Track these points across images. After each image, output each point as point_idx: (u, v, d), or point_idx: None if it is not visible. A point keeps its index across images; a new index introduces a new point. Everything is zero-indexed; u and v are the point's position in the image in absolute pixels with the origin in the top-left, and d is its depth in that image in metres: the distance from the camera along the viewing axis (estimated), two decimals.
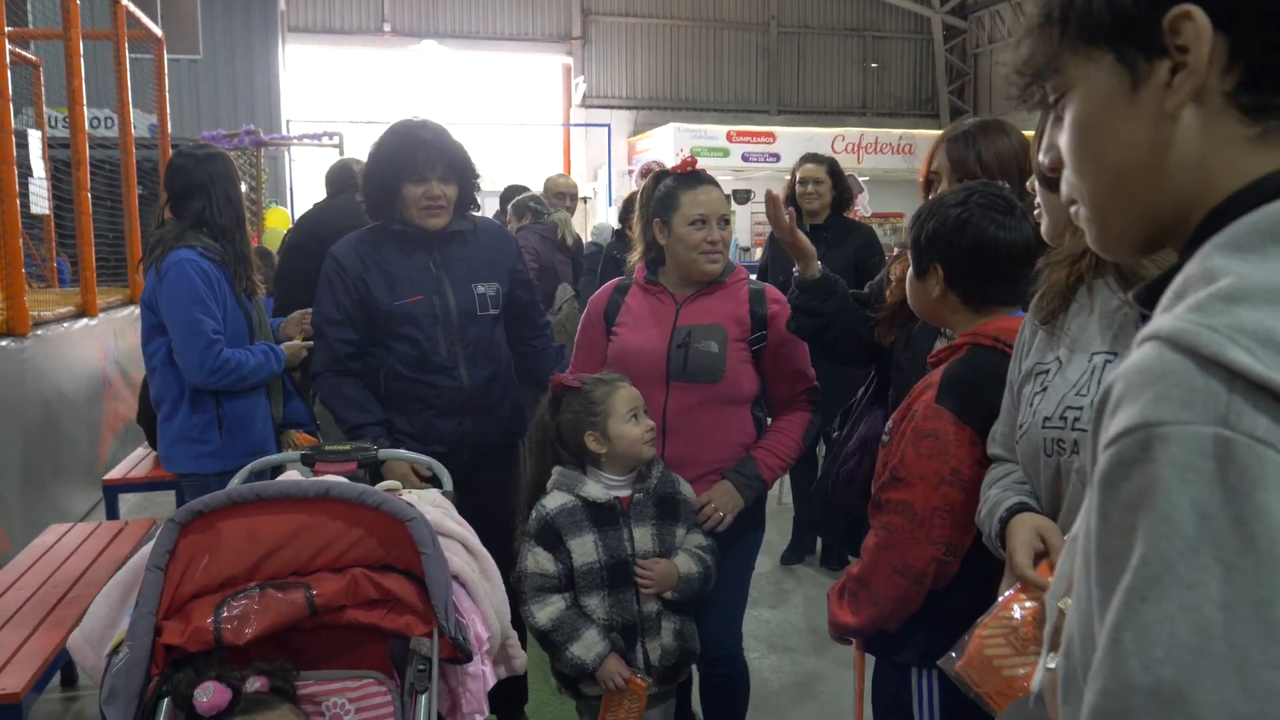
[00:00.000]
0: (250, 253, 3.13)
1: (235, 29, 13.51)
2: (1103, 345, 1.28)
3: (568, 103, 16.19)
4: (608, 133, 15.30)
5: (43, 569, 3.13)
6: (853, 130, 14.64)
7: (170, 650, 1.61)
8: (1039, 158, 1.09)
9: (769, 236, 4.84)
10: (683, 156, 3.40)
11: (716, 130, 14.08)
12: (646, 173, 6.72)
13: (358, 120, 12.61)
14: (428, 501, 1.88)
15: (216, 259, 2.94)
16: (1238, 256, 0.62)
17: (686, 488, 2.35)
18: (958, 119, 1.96)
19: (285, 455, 2.22)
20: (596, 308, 2.54)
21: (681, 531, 2.32)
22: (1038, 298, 1.39)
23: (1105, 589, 0.61)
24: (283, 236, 6.13)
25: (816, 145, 12.34)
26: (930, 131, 15.68)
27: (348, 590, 1.67)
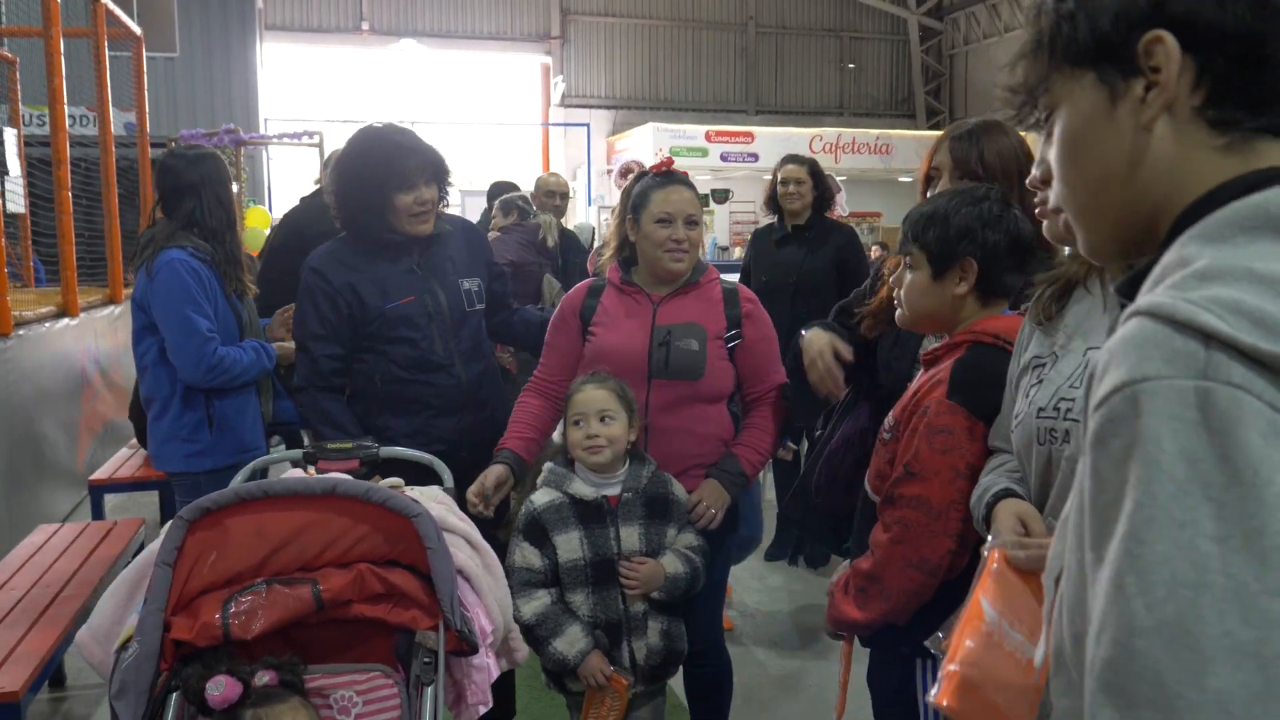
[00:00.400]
0: (241, 253, 3.14)
1: (212, 26, 13.42)
2: (1098, 340, 1.33)
3: (547, 102, 16.20)
4: (587, 132, 15.32)
5: (34, 569, 3.13)
6: (830, 130, 14.76)
7: (179, 645, 1.63)
8: (1032, 171, 1.16)
9: (752, 235, 4.88)
10: (662, 156, 3.45)
11: (695, 130, 14.16)
12: (626, 172, 6.75)
13: (335, 119, 12.56)
14: (430, 498, 1.91)
15: (207, 259, 2.95)
16: (1210, 245, 0.69)
17: (679, 488, 2.39)
18: (960, 120, 2.02)
19: (288, 453, 2.24)
20: (571, 308, 2.55)
21: (672, 532, 2.35)
22: (1035, 299, 1.45)
23: (1098, 549, 0.65)
24: (266, 236, 6.11)
25: (794, 145, 12.44)
26: (906, 132, 15.84)
27: (354, 585, 1.69)
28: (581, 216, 13.25)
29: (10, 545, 3.67)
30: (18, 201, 6.65)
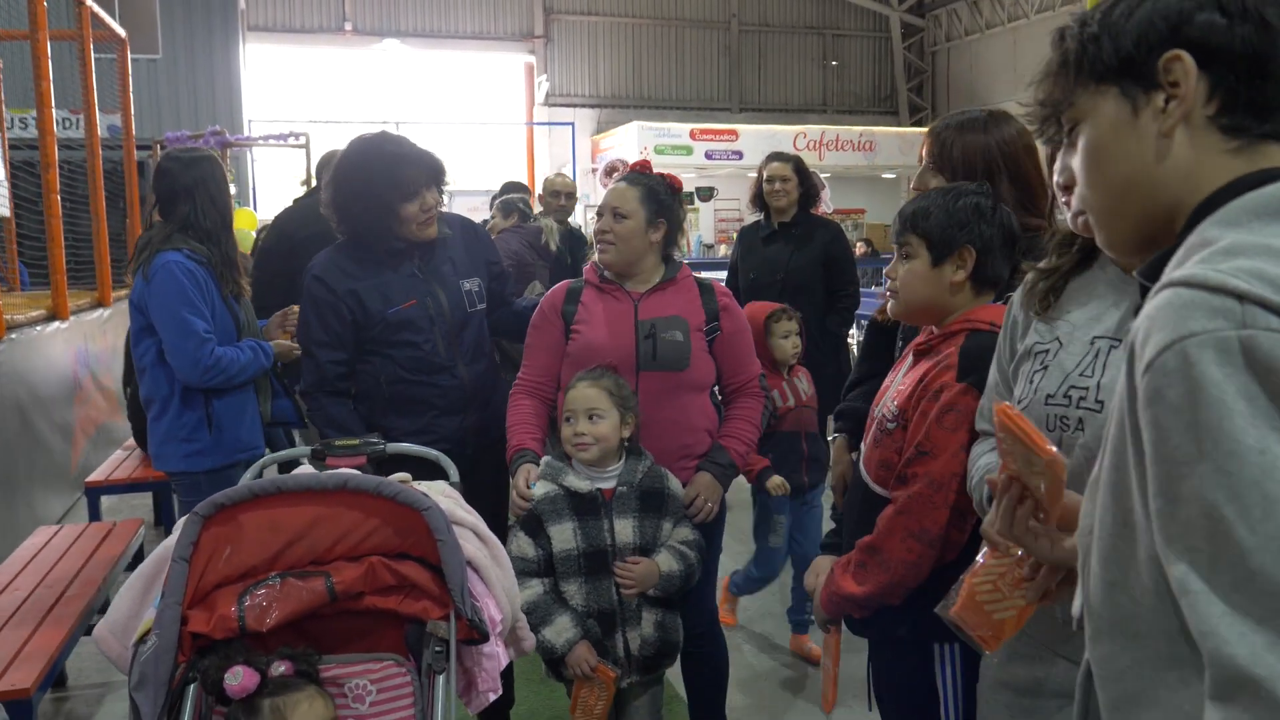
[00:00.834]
0: (237, 255, 3.17)
1: (195, 28, 13.35)
2: (1104, 329, 1.36)
3: (531, 101, 16.20)
4: (571, 131, 15.33)
5: (36, 569, 3.15)
6: (814, 127, 14.82)
7: (196, 638, 1.67)
8: (1054, 178, 1.26)
9: (739, 233, 4.93)
10: (646, 154, 3.51)
11: (679, 128, 14.18)
12: (610, 171, 6.77)
13: (319, 120, 12.54)
14: (438, 492, 1.95)
15: (203, 261, 2.98)
16: (1230, 228, 0.80)
17: (675, 482, 2.43)
18: (964, 110, 2.08)
19: (295, 451, 2.28)
20: (552, 307, 2.60)
21: (668, 526, 2.40)
22: (1029, 289, 1.50)
23: (1168, 493, 0.74)
24: (254, 240, 6.11)
25: (778, 143, 12.51)
26: (890, 128, 15.93)
27: (366, 577, 1.73)
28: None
29: (6, 547, 3.69)
30: (2, 205, 6.63)
